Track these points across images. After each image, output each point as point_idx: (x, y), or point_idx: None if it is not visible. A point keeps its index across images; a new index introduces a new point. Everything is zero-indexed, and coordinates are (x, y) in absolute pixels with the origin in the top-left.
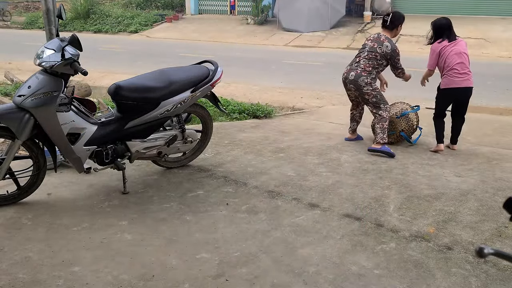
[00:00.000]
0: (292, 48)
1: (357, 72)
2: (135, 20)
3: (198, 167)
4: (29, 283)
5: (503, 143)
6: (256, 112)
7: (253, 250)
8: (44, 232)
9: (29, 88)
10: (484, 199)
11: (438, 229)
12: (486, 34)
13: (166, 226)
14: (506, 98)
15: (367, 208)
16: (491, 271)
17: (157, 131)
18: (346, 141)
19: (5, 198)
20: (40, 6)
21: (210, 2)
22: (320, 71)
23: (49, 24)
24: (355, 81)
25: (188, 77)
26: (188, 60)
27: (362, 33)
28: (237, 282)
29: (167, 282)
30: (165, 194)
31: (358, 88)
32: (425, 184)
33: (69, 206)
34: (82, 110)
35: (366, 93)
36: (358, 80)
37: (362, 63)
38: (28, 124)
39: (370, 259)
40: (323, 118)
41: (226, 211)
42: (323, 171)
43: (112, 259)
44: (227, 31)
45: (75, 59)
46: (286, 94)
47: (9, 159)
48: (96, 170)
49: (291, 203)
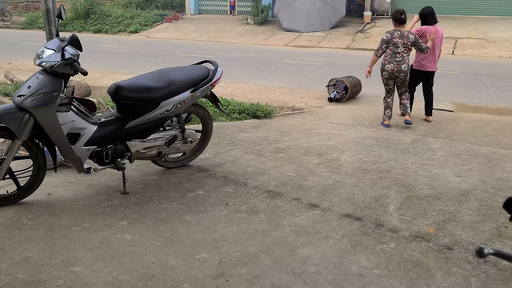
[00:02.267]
0: (292, 48)
1: (405, 64)
2: (135, 20)
3: (198, 167)
4: (29, 283)
5: (503, 143)
6: (256, 112)
7: (253, 250)
8: (44, 232)
9: (29, 88)
10: (484, 199)
11: (438, 229)
12: (486, 34)
13: (166, 226)
14: (506, 98)
15: (367, 208)
16: (491, 271)
17: (157, 131)
18: (346, 141)
19: (5, 198)
20: (40, 6)
21: (210, 2)
22: (320, 71)
23: (49, 24)
24: (406, 72)
25: (188, 77)
26: (188, 60)
27: (362, 33)
28: (237, 282)
29: (167, 282)
30: (165, 194)
31: (406, 76)
32: (425, 184)
33: (69, 206)
34: (82, 110)
35: (408, 79)
36: (407, 70)
37: (405, 56)
38: (28, 124)
39: (370, 259)
40: (323, 118)
41: (226, 211)
42: (323, 171)
43: (112, 259)
44: (227, 31)
45: (75, 59)
46: (286, 94)
47: (9, 159)
48: (96, 170)
49: (291, 203)
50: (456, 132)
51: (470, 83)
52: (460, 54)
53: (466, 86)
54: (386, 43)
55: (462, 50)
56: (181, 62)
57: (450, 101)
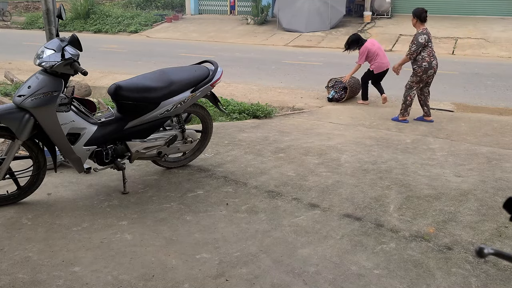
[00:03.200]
0: (292, 48)
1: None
2: (135, 20)
3: (198, 167)
4: (29, 283)
5: (503, 143)
6: (256, 112)
7: (253, 250)
8: (44, 232)
9: (29, 88)
10: (484, 199)
11: (438, 229)
12: (486, 34)
13: (166, 226)
14: (506, 98)
15: (367, 208)
16: (491, 271)
17: (157, 131)
18: (346, 141)
19: (5, 198)
20: (40, 6)
21: (210, 2)
22: (320, 71)
23: (49, 24)
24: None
25: (188, 77)
26: (188, 60)
27: (362, 33)
28: (237, 282)
29: (167, 282)
30: (165, 194)
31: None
32: (425, 184)
33: (69, 206)
34: (82, 110)
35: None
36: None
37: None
38: (28, 124)
39: (370, 259)
40: (323, 118)
41: (226, 211)
42: (323, 171)
43: (112, 259)
44: (227, 31)
45: (75, 59)
46: (286, 94)
47: (9, 159)
48: (96, 170)
49: (291, 203)
50: (456, 132)
51: (470, 83)
52: (460, 54)
53: (466, 86)
54: (423, 46)
55: (462, 50)
56: (181, 62)
57: (450, 101)
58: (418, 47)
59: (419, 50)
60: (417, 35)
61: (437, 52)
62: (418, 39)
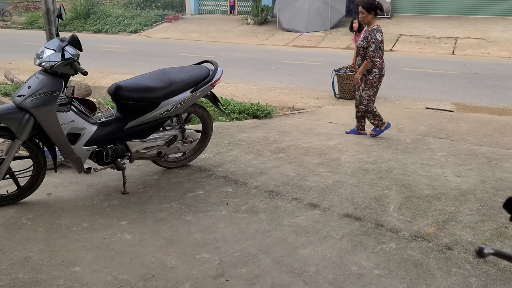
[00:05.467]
0: (292, 48)
1: None
2: (135, 20)
3: (198, 167)
4: (29, 283)
5: (503, 143)
6: (256, 112)
7: (253, 250)
8: (44, 232)
9: (29, 88)
10: (484, 199)
11: (438, 229)
12: (486, 34)
13: (166, 226)
14: (506, 98)
15: (367, 208)
16: (491, 271)
17: (157, 131)
18: (346, 141)
19: (5, 198)
20: (40, 6)
21: (210, 2)
22: (320, 71)
23: (49, 24)
24: None
25: (188, 77)
26: (188, 60)
27: None
28: (237, 282)
29: (167, 282)
30: (165, 194)
31: None
32: (425, 184)
33: (69, 206)
34: (82, 110)
35: None
36: None
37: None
38: (28, 124)
39: (370, 259)
40: (323, 118)
41: (226, 211)
42: (323, 171)
43: (112, 259)
44: (227, 31)
45: (75, 59)
46: (286, 94)
47: (9, 159)
48: (96, 170)
49: (291, 203)
50: (456, 132)
51: (470, 83)
52: (460, 54)
53: (466, 86)
54: (381, 43)
55: (462, 50)
56: (181, 62)
57: (450, 101)
58: (377, 46)
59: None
60: (374, 32)
61: (437, 52)
62: (376, 37)
